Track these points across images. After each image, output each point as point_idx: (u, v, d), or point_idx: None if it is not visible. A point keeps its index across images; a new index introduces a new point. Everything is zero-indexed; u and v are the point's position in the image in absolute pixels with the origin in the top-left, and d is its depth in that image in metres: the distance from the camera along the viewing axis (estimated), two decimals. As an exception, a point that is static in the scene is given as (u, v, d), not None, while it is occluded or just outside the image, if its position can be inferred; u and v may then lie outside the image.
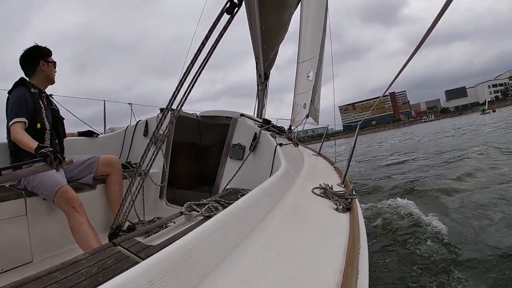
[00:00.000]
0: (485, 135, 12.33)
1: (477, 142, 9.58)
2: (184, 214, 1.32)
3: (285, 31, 3.93)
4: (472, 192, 3.83)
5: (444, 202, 3.65)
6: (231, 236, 0.71)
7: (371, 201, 4.18)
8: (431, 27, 0.90)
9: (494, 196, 3.47)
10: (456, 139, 12.65)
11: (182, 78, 1.10)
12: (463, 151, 7.93)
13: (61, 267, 0.77)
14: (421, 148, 11.00)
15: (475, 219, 2.94)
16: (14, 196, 1.48)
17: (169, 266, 0.52)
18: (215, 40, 1.05)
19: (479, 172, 4.93)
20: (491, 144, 8.07)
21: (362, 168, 8.04)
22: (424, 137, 18.47)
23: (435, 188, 4.31)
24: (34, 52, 1.77)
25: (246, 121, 2.38)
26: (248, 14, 2.89)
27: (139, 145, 2.59)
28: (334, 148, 3.98)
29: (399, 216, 3.33)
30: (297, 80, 4.62)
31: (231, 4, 1.04)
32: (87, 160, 1.88)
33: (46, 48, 1.82)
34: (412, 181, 5.10)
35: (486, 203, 3.32)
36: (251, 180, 1.93)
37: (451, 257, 2.26)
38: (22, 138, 1.52)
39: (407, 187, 4.71)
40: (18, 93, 1.66)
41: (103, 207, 1.92)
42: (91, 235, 1.44)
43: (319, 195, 1.32)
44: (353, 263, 0.68)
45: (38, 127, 1.68)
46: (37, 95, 1.73)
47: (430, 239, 2.57)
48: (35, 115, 1.69)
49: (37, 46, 1.78)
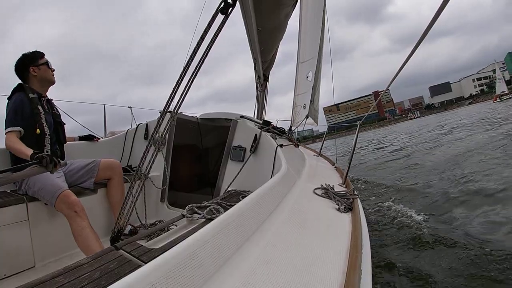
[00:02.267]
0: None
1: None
2: (186, 217, 1.32)
3: (283, 31, 3.93)
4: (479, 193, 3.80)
5: (448, 199, 3.65)
6: (233, 238, 0.71)
7: (372, 200, 4.18)
8: (429, 26, 0.90)
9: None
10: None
11: (179, 80, 1.10)
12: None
13: (63, 271, 0.77)
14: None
15: (479, 217, 2.94)
16: (16, 202, 1.48)
17: (171, 269, 0.52)
18: (210, 41, 1.05)
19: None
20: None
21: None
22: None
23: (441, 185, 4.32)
24: (23, 61, 1.77)
25: (246, 123, 2.38)
26: (244, 14, 2.88)
27: (140, 148, 2.59)
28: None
29: (401, 216, 3.32)
30: (297, 80, 4.62)
31: (225, 4, 1.04)
32: (88, 165, 1.88)
33: (34, 53, 1.80)
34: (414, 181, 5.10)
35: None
36: (252, 181, 1.93)
37: (452, 256, 2.25)
38: (16, 146, 1.54)
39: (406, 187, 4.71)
40: (15, 99, 1.67)
41: (104, 211, 1.92)
42: (93, 239, 1.44)
43: (321, 196, 1.32)
44: (355, 263, 0.68)
45: (37, 133, 1.68)
46: (36, 99, 1.73)
47: (431, 238, 2.57)
48: (34, 120, 1.68)
49: (23, 55, 1.78)
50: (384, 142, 16.39)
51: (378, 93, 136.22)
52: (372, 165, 8.02)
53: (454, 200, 3.60)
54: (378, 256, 2.38)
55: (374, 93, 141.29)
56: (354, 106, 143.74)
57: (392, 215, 3.35)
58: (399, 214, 3.34)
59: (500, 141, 6.76)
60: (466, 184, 4.04)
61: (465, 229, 2.72)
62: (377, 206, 3.80)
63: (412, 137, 15.58)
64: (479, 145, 7.00)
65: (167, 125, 1.18)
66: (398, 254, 2.40)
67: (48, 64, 1.83)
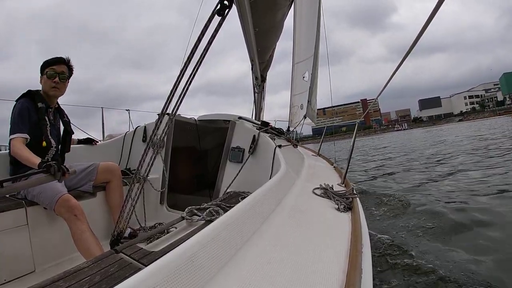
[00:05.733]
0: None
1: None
2: (185, 219, 1.32)
3: (280, 31, 3.94)
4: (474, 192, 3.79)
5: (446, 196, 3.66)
6: (233, 239, 0.71)
7: (373, 199, 4.18)
8: (417, 38, 0.92)
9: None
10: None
11: (176, 81, 1.10)
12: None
13: (63, 276, 0.77)
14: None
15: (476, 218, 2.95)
16: (15, 206, 1.48)
17: (172, 271, 0.52)
18: (207, 42, 1.05)
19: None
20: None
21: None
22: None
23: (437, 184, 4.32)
24: (41, 68, 1.74)
25: (245, 124, 2.39)
26: (240, 15, 2.88)
27: (138, 151, 2.58)
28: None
29: (401, 212, 3.33)
30: (293, 81, 4.64)
31: (222, 6, 1.04)
32: (87, 168, 1.88)
33: (47, 60, 1.74)
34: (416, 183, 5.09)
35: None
36: (252, 182, 1.93)
37: (453, 253, 2.26)
38: (24, 153, 1.52)
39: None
40: (20, 105, 1.65)
41: (104, 214, 1.91)
42: (93, 243, 1.43)
43: (320, 195, 1.33)
44: (356, 262, 0.68)
45: (43, 145, 1.66)
46: (44, 110, 1.71)
47: (431, 236, 2.57)
48: (41, 131, 1.67)
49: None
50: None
51: (366, 101, 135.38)
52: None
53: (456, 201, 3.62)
54: (379, 255, 2.38)
55: (362, 101, 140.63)
56: (341, 112, 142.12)
57: (393, 211, 3.35)
58: (401, 209, 3.34)
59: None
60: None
61: (469, 228, 2.73)
62: (377, 204, 3.82)
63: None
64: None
65: (165, 128, 1.18)
66: (400, 253, 2.40)
67: (49, 75, 1.72)
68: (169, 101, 1.11)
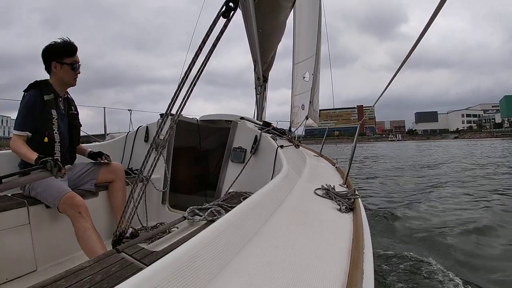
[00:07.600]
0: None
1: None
2: (187, 219, 1.32)
3: (282, 33, 3.94)
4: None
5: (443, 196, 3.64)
6: (235, 239, 0.71)
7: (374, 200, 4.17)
8: (411, 50, 0.93)
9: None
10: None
11: (180, 83, 1.10)
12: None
13: (65, 275, 0.77)
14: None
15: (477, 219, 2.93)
16: (17, 205, 1.48)
17: (173, 271, 0.52)
18: (212, 45, 1.05)
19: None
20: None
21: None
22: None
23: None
24: (46, 53, 1.63)
25: (247, 124, 2.39)
26: (245, 17, 2.89)
27: (140, 151, 2.59)
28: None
29: (404, 215, 3.32)
30: (293, 81, 4.63)
31: (227, 8, 1.05)
32: (89, 167, 1.88)
33: (61, 46, 1.63)
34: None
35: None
36: (253, 183, 1.92)
37: (455, 252, 2.25)
38: (21, 150, 1.52)
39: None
40: (27, 98, 1.59)
41: (106, 214, 1.91)
42: (96, 241, 1.43)
43: (322, 196, 1.32)
44: (357, 263, 0.68)
45: (45, 141, 1.62)
46: (51, 102, 1.64)
47: (432, 236, 2.56)
48: (45, 127, 1.62)
49: (49, 45, 1.62)
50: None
51: (361, 108, 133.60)
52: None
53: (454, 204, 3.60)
54: (381, 256, 2.37)
55: (358, 107, 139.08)
56: (336, 115, 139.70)
57: (397, 214, 3.34)
58: (405, 212, 3.33)
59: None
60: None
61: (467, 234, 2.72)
62: (378, 205, 3.80)
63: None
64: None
65: (168, 129, 1.19)
66: (400, 253, 2.39)
67: (74, 67, 1.67)
68: (173, 103, 1.11)
